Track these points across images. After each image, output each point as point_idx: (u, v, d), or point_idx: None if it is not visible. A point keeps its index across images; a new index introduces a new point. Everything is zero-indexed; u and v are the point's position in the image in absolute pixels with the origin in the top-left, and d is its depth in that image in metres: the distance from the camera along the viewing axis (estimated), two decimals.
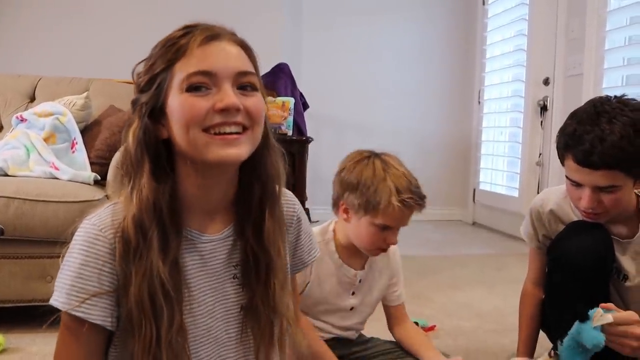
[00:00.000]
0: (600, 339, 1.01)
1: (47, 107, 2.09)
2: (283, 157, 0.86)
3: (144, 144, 0.76)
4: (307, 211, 3.94)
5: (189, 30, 0.76)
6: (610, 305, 1.06)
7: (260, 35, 3.84)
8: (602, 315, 1.03)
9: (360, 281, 1.32)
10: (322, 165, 4.15)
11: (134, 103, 0.79)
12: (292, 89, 2.89)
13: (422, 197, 1.23)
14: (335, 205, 1.28)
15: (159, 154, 0.77)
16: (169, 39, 0.77)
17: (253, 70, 0.79)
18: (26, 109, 2.23)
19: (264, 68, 2.84)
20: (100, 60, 3.21)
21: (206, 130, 0.74)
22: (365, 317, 1.38)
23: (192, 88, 0.74)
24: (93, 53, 3.36)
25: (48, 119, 2.03)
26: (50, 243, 1.66)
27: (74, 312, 0.74)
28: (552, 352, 1.09)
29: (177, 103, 0.74)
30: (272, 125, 2.36)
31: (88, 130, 2.12)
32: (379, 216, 1.18)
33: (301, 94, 3.07)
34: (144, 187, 0.75)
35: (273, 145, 0.84)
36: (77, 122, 2.07)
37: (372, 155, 1.25)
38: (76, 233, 0.77)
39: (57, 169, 1.91)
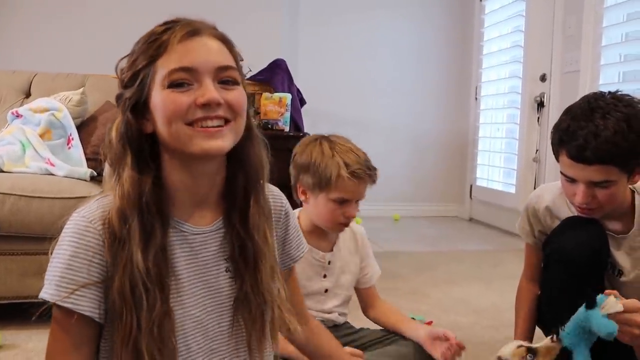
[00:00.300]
0: (614, 328, 0.98)
1: (42, 103, 2.08)
2: (266, 147, 0.88)
3: (125, 138, 0.78)
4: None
5: (170, 25, 0.77)
6: (614, 292, 1.06)
7: (258, 31, 3.84)
8: (615, 303, 1.01)
9: (329, 263, 1.36)
10: None
11: (118, 98, 0.80)
12: (289, 85, 2.88)
13: (371, 169, 1.29)
14: (294, 189, 1.33)
15: (141, 148, 0.78)
16: (150, 34, 0.78)
17: (234, 65, 0.80)
18: (21, 104, 2.22)
19: (261, 64, 2.86)
20: (96, 55, 3.18)
21: (189, 124, 0.76)
22: (343, 300, 1.40)
23: (174, 84, 0.75)
24: (89, 48, 3.34)
25: (44, 114, 2.02)
26: (46, 239, 1.65)
27: (62, 303, 0.74)
28: (555, 337, 1.08)
29: (159, 99, 0.76)
30: (269, 121, 2.36)
31: (84, 126, 2.11)
32: (333, 191, 1.25)
33: (298, 90, 3.06)
34: (125, 181, 0.76)
35: (256, 135, 0.86)
36: (73, 118, 2.06)
37: (319, 138, 1.32)
38: (66, 225, 0.78)
39: (52, 165, 1.90)
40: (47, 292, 0.75)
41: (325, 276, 1.36)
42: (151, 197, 0.77)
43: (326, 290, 1.37)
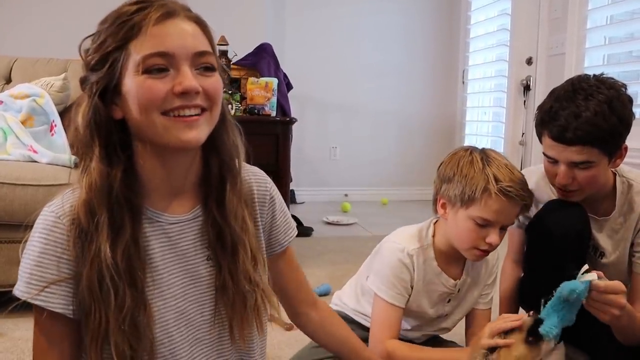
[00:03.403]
0: (579, 286, 0.98)
1: (23, 89, 2.04)
2: (240, 132, 0.86)
3: (93, 125, 0.74)
4: (292, 193, 3.94)
5: (142, 5, 0.73)
6: (600, 273, 1.08)
7: (244, 15, 3.77)
8: (589, 272, 1.01)
9: (459, 291, 1.25)
10: (306, 147, 4.16)
11: (83, 81, 0.76)
12: (275, 69, 2.86)
13: (526, 190, 1.13)
14: (435, 202, 1.23)
15: (110, 136, 0.75)
16: (119, 14, 0.73)
17: (210, 50, 0.77)
18: (2, 90, 2.18)
19: (247, 48, 2.83)
20: (78, 40, 3.13)
21: (165, 113, 0.73)
22: (455, 323, 1.32)
23: (150, 70, 0.72)
24: (70, 33, 3.26)
25: (25, 100, 1.99)
26: (31, 227, 1.64)
27: (33, 301, 0.73)
28: (532, 312, 1.09)
29: (134, 85, 0.72)
30: (256, 106, 2.34)
31: (67, 113, 2.08)
32: (476, 207, 1.11)
33: (285, 74, 3.04)
34: (93, 171, 0.73)
35: (229, 121, 0.84)
36: (55, 104, 2.03)
37: (472, 149, 1.19)
38: (36, 221, 0.76)
39: (35, 152, 1.88)
40: (19, 289, 0.74)
41: (449, 301, 1.26)
42: (121, 190, 0.74)
43: (445, 315, 1.28)
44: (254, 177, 0.91)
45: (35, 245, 0.74)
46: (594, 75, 1.19)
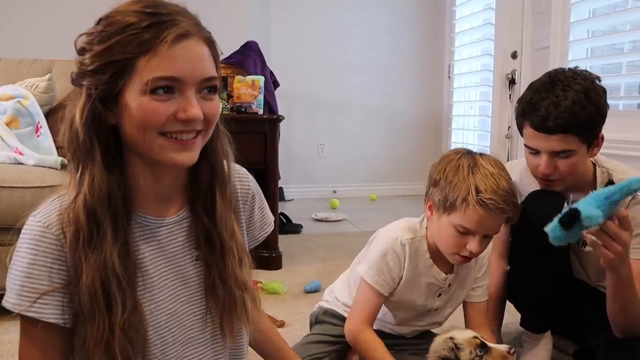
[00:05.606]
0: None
1: (8, 90, 2.03)
2: (229, 139, 0.87)
3: (93, 130, 0.73)
4: (280, 190, 3.94)
5: (155, 20, 0.71)
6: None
7: (229, 13, 3.75)
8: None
9: (449, 285, 1.27)
10: (295, 144, 4.16)
11: (78, 81, 0.75)
12: (261, 67, 2.85)
13: (508, 204, 1.10)
14: (425, 202, 1.23)
15: (108, 142, 0.75)
16: (129, 24, 0.71)
17: (216, 73, 0.77)
18: None
19: (233, 46, 2.81)
20: (63, 40, 3.09)
21: (163, 133, 0.73)
22: (446, 318, 1.33)
23: (155, 90, 0.71)
24: (55, 33, 3.23)
25: (9, 102, 1.97)
26: (19, 232, 1.63)
27: (26, 313, 0.73)
28: (513, 350, 1.03)
29: (137, 104, 0.71)
30: (243, 104, 2.34)
31: (52, 114, 2.07)
32: (457, 215, 1.10)
33: (271, 72, 3.03)
34: (95, 177, 0.73)
35: (222, 131, 0.85)
36: (41, 106, 2.02)
37: (463, 153, 1.17)
38: (22, 230, 0.75)
39: (21, 154, 1.86)
40: (9, 302, 0.73)
41: (439, 295, 1.27)
42: (118, 195, 0.74)
43: (436, 309, 1.29)
44: (237, 175, 0.92)
45: (24, 257, 0.73)
46: (569, 68, 1.24)
